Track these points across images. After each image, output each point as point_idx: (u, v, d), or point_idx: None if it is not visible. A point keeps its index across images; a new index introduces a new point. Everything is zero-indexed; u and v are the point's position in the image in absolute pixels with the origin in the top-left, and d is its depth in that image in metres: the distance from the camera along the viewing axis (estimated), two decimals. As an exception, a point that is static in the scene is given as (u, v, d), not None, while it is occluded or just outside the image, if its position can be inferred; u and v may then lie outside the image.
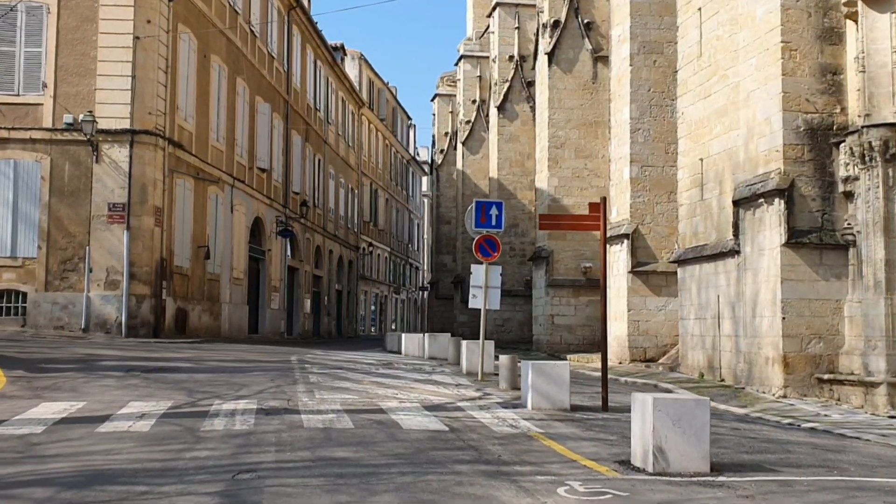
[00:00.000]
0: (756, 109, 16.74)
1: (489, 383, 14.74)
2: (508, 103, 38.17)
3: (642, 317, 22.71)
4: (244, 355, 19.28)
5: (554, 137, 29.79)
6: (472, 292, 14.93)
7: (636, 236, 22.90)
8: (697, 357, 18.93)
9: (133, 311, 23.78)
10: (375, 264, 62.21)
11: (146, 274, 24.13)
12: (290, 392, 12.55)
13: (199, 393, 12.25)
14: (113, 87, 24.04)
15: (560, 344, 29.20)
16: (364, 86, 58.17)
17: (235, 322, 31.21)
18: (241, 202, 32.21)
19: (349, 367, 17.15)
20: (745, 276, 16.79)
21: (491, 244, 14.86)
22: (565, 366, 11.59)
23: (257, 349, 23.24)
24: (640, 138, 23.10)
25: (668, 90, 23.23)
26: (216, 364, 16.38)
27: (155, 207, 24.45)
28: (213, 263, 29.04)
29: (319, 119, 45.24)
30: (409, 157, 75.09)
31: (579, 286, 29.40)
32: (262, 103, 34.70)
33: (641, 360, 22.59)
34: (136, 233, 24.02)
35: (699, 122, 19.17)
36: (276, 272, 37.13)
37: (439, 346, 20.58)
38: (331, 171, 47.89)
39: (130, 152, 24.00)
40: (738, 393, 16.20)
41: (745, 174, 16.97)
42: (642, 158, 23.07)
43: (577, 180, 29.74)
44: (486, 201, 14.84)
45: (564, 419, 10.86)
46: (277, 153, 37.12)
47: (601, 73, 29.95)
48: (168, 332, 25.05)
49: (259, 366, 16.36)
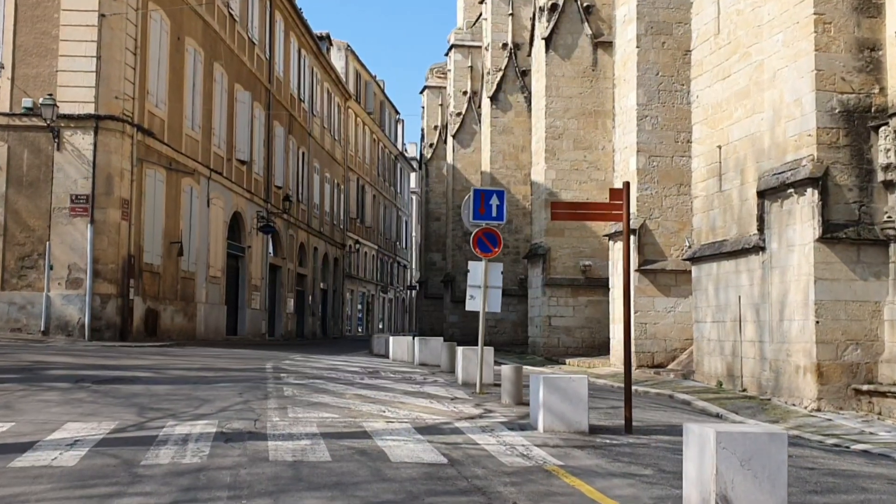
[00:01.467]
0: (784, 90, 15.04)
1: (489, 397, 12.98)
2: (502, 93, 36.39)
3: (650, 319, 21.00)
4: (215, 362, 17.45)
5: (551, 128, 28.06)
6: (469, 293, 13.16)
7: (643, 232, 21.19)
8: (715, 364, 17.23)
9: (97, 312, 21.92)
10: (362, 262, 60.36)
11: (112, 272, 22.26)
12: (259, 409, 10.75)
13: (153, 410, 10.44)
14: (76, 68, 22.17)
15: (558, 347, 27.48)
16: (351, 78, 56.30)
17: (212, 323, 29.34)
18: (219, 196, 30.33)
19: (330, 375, 15.35)
20: (772, 275, 15.09)
21: (491, 238, 13.10)
22: (583, 380, 9.84)
23: (232, 354, 21.41)
24: (647, 126, 21.39)
25: (677, 74, 21.55)
26: (180, 373, 14.55)
27: (122, 199, 22.58)
28: (188, 261, 27.17)
29: (304, 111, 43.37)
30: (398, 153, 73.27)
31: (578, 286, 27.68)
32: (242, 91, 32.82)
33: (649, 365, 20.88)
34: (101, 227, 22.15)
35: (717, 105, 17.46)
36: (257, 270, 35.25)
37: (431, 352, 18.77)
38: (315, 165, 46.02)
39: (95, 139, 22.13)
40: (764, 406, 14.50)
41: (772, 162, 15.27)
42: (650, 148, 21.35)
43: (576, 173, 28.01)
44: (485, 189, 13.08)
45: (584, 445, 9.11)
46: (259, 145, 35.24)
47: (601, 59, 28.25)
48: (137, 334, 23.18)
49: (228, 375, 14.54)
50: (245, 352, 22.88)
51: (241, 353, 21.62)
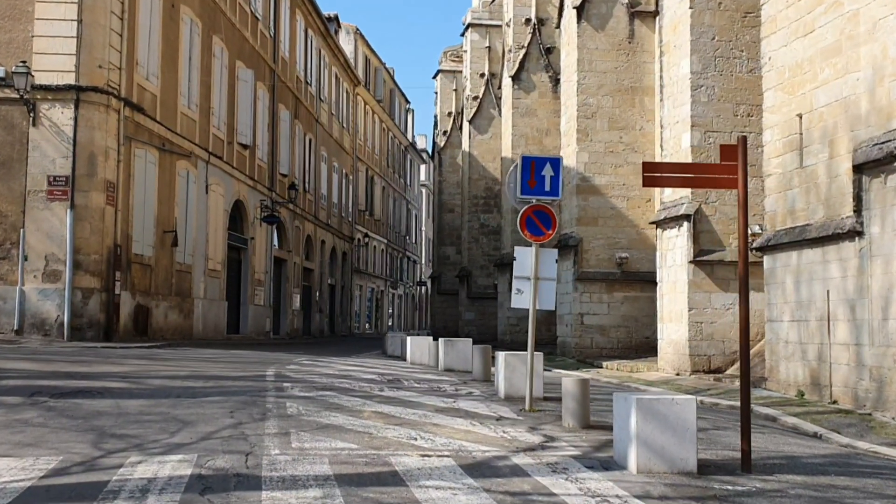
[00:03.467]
0: (887, 43, 12.47)
1: (544, 416, 10.41)
2: (525, 73, 33.70)
3: (706, 317, 18.41)
4: (208, 367, 14.90)
5: (584, 106, 25.46)
6: (515, 286, 10.58)
7: (699, 218, 18.59)
8: (794, 370, 14.64)
9: (78, 309, 19.42)
10: (371, 257, 57.82)
11: (95, 263, 19.75)
12: (254, 436, 8.22)
13: (114, 439, 7.94)
14: (54, 33, 19.66)
15: (591, 348, 24.90)
16: (360, 63, 53.72)
17: (211, 321, 26.82)
18: (219, 182, 27.80)
19: (343, 385, 12.78)
20: (872, 266, 12.53)
21: (543, 218, 10.52)
22: (689, 403, 7.29)
23: (230, 356, 18.88)
24: (702, 97, 18.78)
25: (736, 39, 18.94)
26: (162, 383, 12.02)
27: (106, 182, 20.07)
28: (184, 252, 24.66)
29: (311, 95, 40.80)
30: (408, 144, 70.68)
31: (613, 280, 25.08)
32: (244, 69, 30.27)
33: (705, 370, 18.30)
34: (83, 212, 19.65)
35: (796, 66, 14.84)
36: (261, 263, 32.71)
37: (458, 355, 16.16)
38: (323, 153, 43.47)
39: (75, 113, 19.63)
40: (868, 422, 11.90)
41: (871, 130, 12.71)
42: (706, 122, 18.75)
43: (611, 156, 25.41)
44: (537, 157, 10.52)
45: (702, 496, 6.55)
46: (262, 128, 32.70)
47: (639, 31, 25.63)
48: (124, 333, 20.69)
49: (221, 386, 11.99)
50: (245, 353, 20.35)
51: (240, 356, 19.08)
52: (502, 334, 34.36)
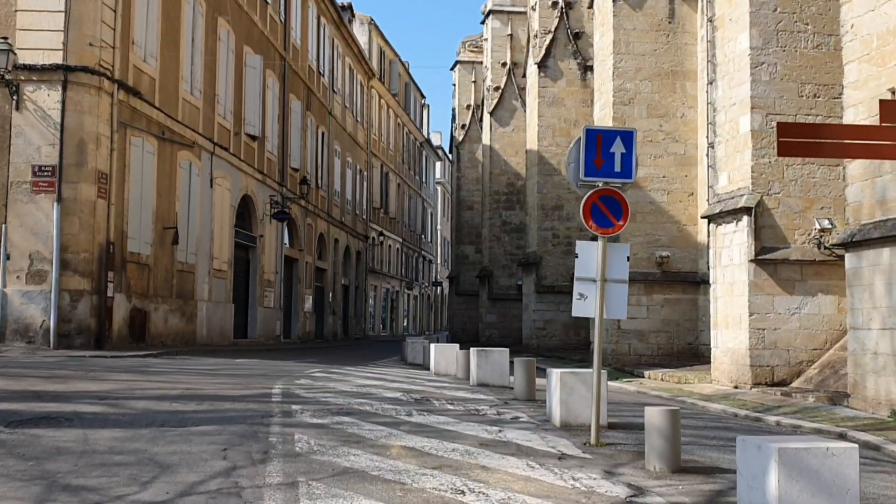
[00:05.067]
0: None
1: (615, 451, 8.38)
2: (551, 59, 31.60)
3: (768, 323, 16.33)
4: (205, 383, 12.92)
5: (620, 91, 23.38)
6: (576, 289, 8.57)
7: (760, 211, 16.50)
8: (887, 386, 12.55)
9: (66, 313, 17.52)
10: (386, 256, 55.82)
11: (85, 262, 17.85)
12: (251, 490, 6.24)
13: (66, 494, 5.99)
14: (39, 7, 17.79)
15: (628, 355, 22.84)
16: (374, 55, 51.74)
17: (216, 325, 24.89)
18: (225, 175, 25.88)
19: (363, 407, 10.74)
20: None
21: (613, 206, 8.51)
22: (850, 454, 5.26)
23: (233, 367, 16.92)
24: (763, 76, 16.69)
25: (800, 10, 16.84)
26: (146, 405, 10.03)
27: (98, 172, 18.16)
28: (186, 251, 22.74)
29: (323, 86, 38.84)
30: (423, 140, 68.67)
31: (653, 281, 23.00)
32: (252, 55, 28.33)
33: (768, 383, 16.22)
34: (72, 206, 17.75)
35: (885, 34, 12.75)
36: (270, 263, 30.77)
37: (493, 368, 14.07)
38: (336, 147, 41.51)
39: (63, 96, 17.73)
40: None
41: None
42: (767, 103, 16.66)
43: (650, 146, 23.33)
44: (603, 129, 8.51)
45: None
46: (272, 119, 30.76)
47: (679, 10, 23.56)
48: (118, 340, 18.77)
49: (216, 410, 9.98)
50: (251, 363, 18.38)
51: (244, 366, 17.10)
52: (528, 338, 32.26)
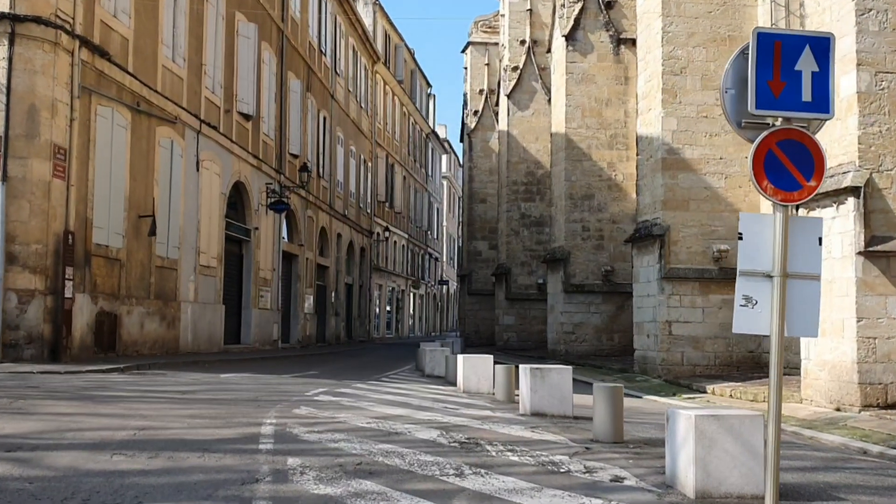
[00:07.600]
0: None
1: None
2: (580, 31, 28.36)
3: (881, 330, 13.10)
4: (169, 417, 9.63)
5: (670, 59, 20.17)
6: (739, 290, 5.38)
7: (869, 192, 13.27)
8: None
9: (12, 319, 14.30)
10: (392, 253, 52.59)
11: (37, 255, 14.62)
12: None
13: None
14: (-21, -58, 14.53)
15: (681, 364, 19.61)
16: (379, 38, 48.51)
17: (203, 329, 21.64)
18: (214, 158, 22.64)
19: (390, 459, 7.34)
20: None
21: (800, 155, 5.34)
22: None
23: (215, 386, 13.65)
24: (871, 25, 13.47)
25: (918, -56, 13.61)
26: (74, 460, 6.68)
27: (54, 146, 14.92)
28: (167, 244, 19.52)
29: (325, 66, 35.60)
30: (429, 131, 65.42)
31: (709, 279, 19.77)
32: (246, 23, 25.07)
33: (880, 404, 12.99)
34: (20, 187, 14.54)
35: None
36: (267, 259, 27.52)
37: (553, 394, 10.63)
38: (339, 134, 38.28)
39: (10, 52, 14.53)
40: None
41: None
42: (877, 59, 13.44)
43: (705, 122, 20.12)
44: (786, 34, 5.38)
45: None
46: (268, 97, 27.51)
47: (738, -35, 20.34)
48: (81, 349, 15.53)
49: (174, 471, 6.60)
50: (239, 380, 15.11)
51: (230, 385, 13.85)
52: (554, 343, 29.00)
